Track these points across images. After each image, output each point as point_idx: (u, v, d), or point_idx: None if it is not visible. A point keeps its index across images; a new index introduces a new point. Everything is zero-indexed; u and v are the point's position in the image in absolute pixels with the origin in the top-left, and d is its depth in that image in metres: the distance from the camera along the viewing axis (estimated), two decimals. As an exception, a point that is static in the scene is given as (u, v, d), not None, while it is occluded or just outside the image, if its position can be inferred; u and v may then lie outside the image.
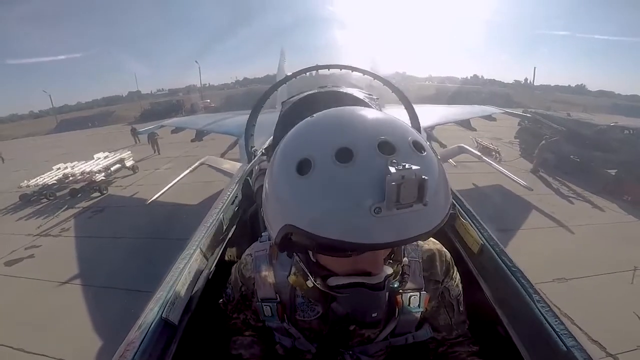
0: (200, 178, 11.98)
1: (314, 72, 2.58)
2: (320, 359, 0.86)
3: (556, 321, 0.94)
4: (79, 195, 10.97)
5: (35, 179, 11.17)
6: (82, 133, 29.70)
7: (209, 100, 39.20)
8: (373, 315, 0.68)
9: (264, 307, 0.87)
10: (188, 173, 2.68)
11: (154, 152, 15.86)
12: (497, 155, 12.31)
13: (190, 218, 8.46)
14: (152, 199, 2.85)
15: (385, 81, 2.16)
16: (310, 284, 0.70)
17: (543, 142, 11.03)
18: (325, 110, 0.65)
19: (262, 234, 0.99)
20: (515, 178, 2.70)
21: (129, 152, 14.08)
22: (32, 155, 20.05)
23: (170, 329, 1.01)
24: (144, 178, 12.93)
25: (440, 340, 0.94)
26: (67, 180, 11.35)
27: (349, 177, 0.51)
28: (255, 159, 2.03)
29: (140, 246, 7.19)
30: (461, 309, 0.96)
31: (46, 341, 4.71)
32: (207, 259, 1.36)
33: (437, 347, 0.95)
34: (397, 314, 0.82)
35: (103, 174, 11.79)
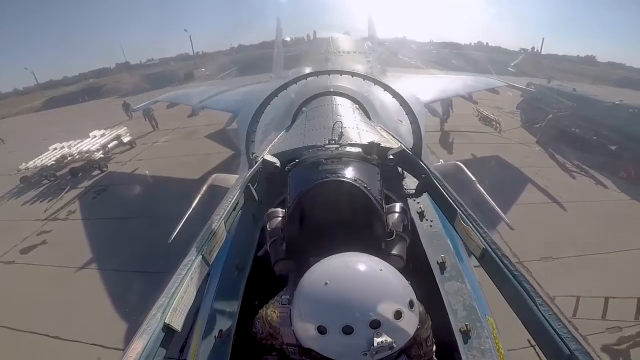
0: (197, 150, 11.87)
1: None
2: None
3: (559, 325, 0.98)
4: (80, 174, 10.98)
5: (34, 161, 11.06)
6: (74, 109, 28.75)
7: (203, 69, 37.56)
8: None
9: (289, 349, 1.16)
10: (199, 200, 2.64)
11: (153, 128, 15.43)
12: (498, 125, 12.26)
13: (195, 193, 8.51)
14: (172, 236, 2.82)
15: (385, 86, 2.17)
16: None
17: (550, 115, 10.94)
18: (333, 271, 0.97)
19: (283, 296, 1.22)
20: (503, 216, 2.64)
21: (125, 127, 13.84)
22: (26, 135, 19.60)
23: (173, 334, 1.07)
24: (142, 152, 12.84)
25: None
26: (65, 161, 11.30)
27: (350, 343, 0.88)
28: (255, 165, 2.05)
29: (147, 226, 7.19)
30: (429, 344, 1.29)
31: (77, 327, 4.94)
32: (209, 265, 1.40)
33: None
34: None
35: (101, 152, 11.73)
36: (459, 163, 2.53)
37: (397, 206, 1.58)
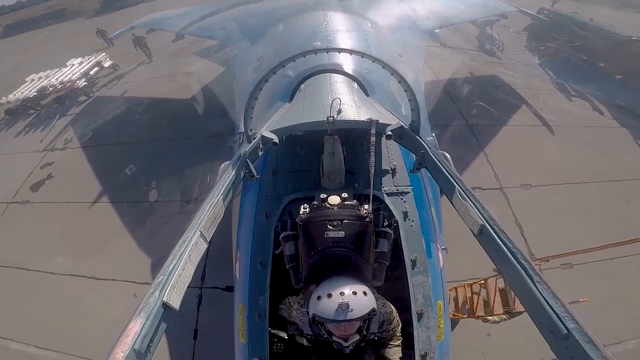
0: (186, 69, 10.97)
1: None
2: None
3: (557, 303, 0.96)
4: (66, 102, 10.60)
5: (14, 93, 10.56)
6: (39, 34, 25.78)
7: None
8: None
9: (306, 336, 1.78)
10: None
11: (147, 57, 13.28)
12: (501, 45, 11.79)
13: (190, 115, 8.18)
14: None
15: (383, 63, 2.14)
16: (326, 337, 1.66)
17: (555, 44, 10.57)
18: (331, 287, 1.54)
19: (302, 309, 1.73)
20: None
21: (104, 53, 12.79)
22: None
23: (171, 313, 1.06)
24: (128, 75, 12.08)
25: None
26: (47, 92, 10.77)
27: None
28: (254, 141, 2.04)
29: (148, 151, 7.24)
30: (397, 331, 1.91)
31: (107, 266, 5.10)
32: (207, 242, 1.43)
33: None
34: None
35: (84, 79, 11.14)
36: (446, 154, 2.60)
37: (385, 233, 1.95)
